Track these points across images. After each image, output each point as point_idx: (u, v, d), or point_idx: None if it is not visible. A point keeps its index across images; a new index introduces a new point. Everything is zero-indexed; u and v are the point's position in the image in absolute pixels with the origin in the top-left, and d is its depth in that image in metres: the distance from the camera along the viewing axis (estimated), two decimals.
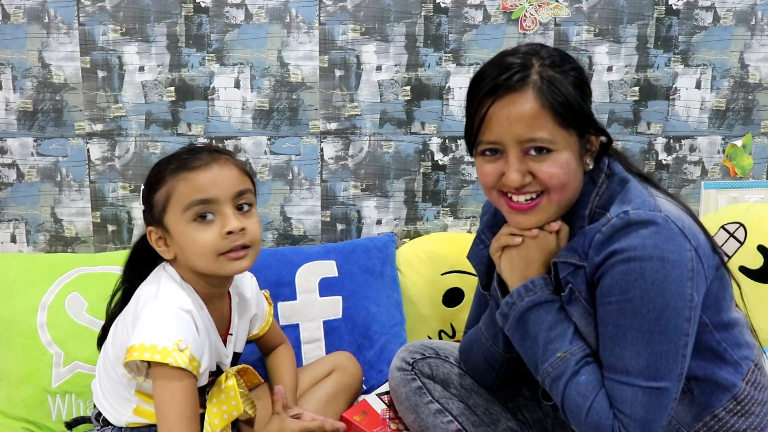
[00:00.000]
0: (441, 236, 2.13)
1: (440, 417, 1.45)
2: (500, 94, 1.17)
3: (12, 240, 2.04)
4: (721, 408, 1.21)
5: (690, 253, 1.12)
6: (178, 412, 1.22)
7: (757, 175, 2.28)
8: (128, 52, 1.98)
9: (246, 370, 1.47)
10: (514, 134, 1.16)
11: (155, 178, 1.32)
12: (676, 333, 1.12)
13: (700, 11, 2.17)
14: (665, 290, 1.10)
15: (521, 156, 1.18)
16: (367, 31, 2.05)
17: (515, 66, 1.17)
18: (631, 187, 1.20)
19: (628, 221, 1.12)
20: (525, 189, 1.19)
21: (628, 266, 1.11)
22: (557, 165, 1.17)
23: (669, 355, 1.12)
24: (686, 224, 1.14)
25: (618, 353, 1.14)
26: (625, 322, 1.13)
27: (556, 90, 1.16)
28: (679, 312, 1.11)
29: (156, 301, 1.28)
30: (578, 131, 1.19)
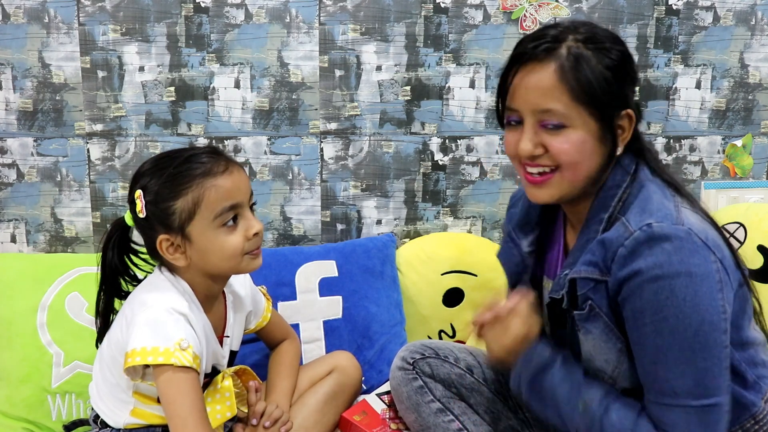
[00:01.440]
0: (441, 236, 2.13)
1: (441, 416, 1.45)
2: (524, 61, 1.17)
3: (12, 240, 2.04)
4: (738, 426, 1.19)
5: (716, 264, 1.10)
6: (189, 405, 1.22)
7: (757, 175, 2.28)
8: (128, 52, 1.98)
9: (244, 371, 1.47)
10: (530, 103, 1.16)
11: (171, 185, 1.28)
12: (716, 346, 1.10)
13: (700, 11, 2.17)
14: (698, 305, 1.08)
15: (537, 127, 1.17)
16: (367, 31, 2.05)
17: (548, 37, 1.17)
18: (652, 194, 1.17)
19: (652, 234, 1.10)
20: (537, 161, 1.18)
21: (656, 285, 1.09)
22: (569, 142, 1.15)
23: (714, 370, 1.10)
24: (710, 236, 1.12)
25: (662, 376, 1.11)
26: (664, 342, 1.10)
27: (580, 66, 1.14)
28: (716, 325, 1.09)
29: (152, 304, 1.28)
30: (600, 112, 1.16)
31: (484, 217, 2.19)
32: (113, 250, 1.39)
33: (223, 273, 1.35)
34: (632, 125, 1.21)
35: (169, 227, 1.29)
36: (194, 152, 1.33)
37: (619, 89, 1.18)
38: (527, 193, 1.24)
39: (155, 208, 1.29)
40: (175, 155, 1.33)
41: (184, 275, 1.34)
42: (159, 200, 1.29)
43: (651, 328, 1.10)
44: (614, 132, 1.19)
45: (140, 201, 1.30)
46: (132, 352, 1.23)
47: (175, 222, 1.28)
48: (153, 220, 1.30)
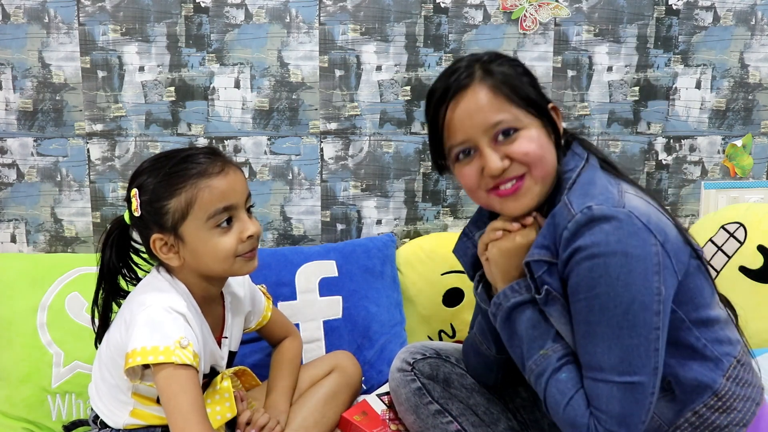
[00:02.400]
0: (441, 236, 2.13)
1: (440, 417, 1.45)
2: (451, 95, 1.22)
3: (12, 240, 2.04)
4: (701, 404, 1.20)
5: (655, 247, 1.12)
6: (191, 401, 1.22)
7: (757, 175, 2.28)
8: (128, 52, 1.98)
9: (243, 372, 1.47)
10: (478, 125, 1.21)
11: (166, 185, 1.28)
12: (645, 327, 1.12)
13: (700, 11, 2.17)
14: (630, 284, 1.11)
15: (493, 144, 1.21)
16: (367, 31, 2.05)
17: (459, 70, 1.24)
18: (596, 178, 1.21)
19: (591, 217, 1.13)
20: (506, 175, 1.22)
21: (592, 263, 1.12)
22: (528, 140, 1.20)
23: (641, 349, 1.12)
24: (652, 219, 1.15)
25: (591, 350, 1.15)
26: (594, 318, 1.13)
27: (501, 76, 1.22)
28: (647, 306, 1.12)
29: (150, 304, 1.28)
30: (535, 109, 1.23)
31: None
32: (111, 249, 1.39)
33: (216, 275, 1.34)
34: (559, 116, 1.28)
35: (163, 226, 1.29)
36: (192, 152, 1.33)
37: (536, 87, 1.26)
38: (505, 209, 1.26)
39: (150, 207, 1.29)
40: (173, 155, 1.33)
41: (181, 276, 1.34)
42: (153, 199, 1.29)
43: (584, 304, 1.14)
44: (553, 123, 1.26)
45: (135, 200, 1.30)
46: (132, 352, 1.23)
47: (168, 221, 1.28)
48: (147, 219, 1.30)
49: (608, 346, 1.13)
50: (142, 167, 1.33)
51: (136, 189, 1.30)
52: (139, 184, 1.31)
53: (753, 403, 1.22)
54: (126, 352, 1.25)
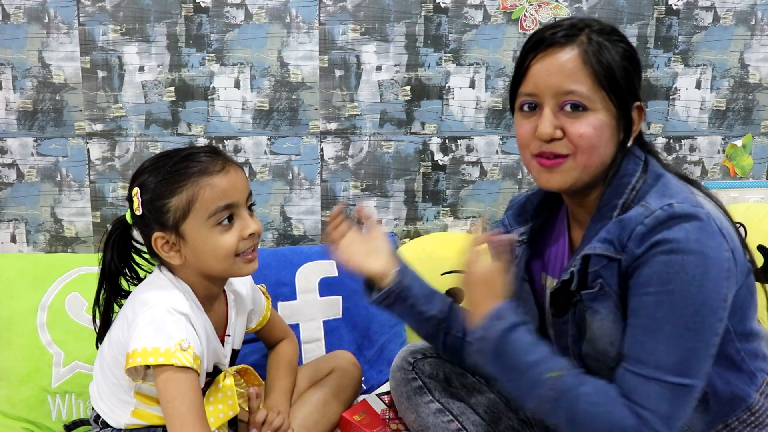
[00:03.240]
0: (441, 236, 2.13)
1: (440, 416, 1.45)
2: (544, 47, 1.18)
3: (12, 240, 2.04)
4: (734, 418, 1.19)
5: (728, 253, 1.10)
6: (188, 405, 1.22)
7: (757, 175, 2.28)
8: (128, 52, 1.98)
9: (246, 371, 1.47)
10: (551, 85, 1.16)
11: (167, 183, 1.28)
12: (709, 331, 1.09)
13: (700, 11, 2.17)
14: (704, 287, 1.08)
15: (556, 110, 1.17)
16: (367, 31, 2.05)
17: (565, 26, 1.18)
18: (670, 181, 1.17)
19: (673, 213, 1.09)
20: (552, 147, 1.18)
21: (670, 258, 1.08)
22: (590, 125, 1.15)
23: (701, 353, 1.09)
24: (725, 225, 1.13)
25: (650, 347, 1.10)
26: (662, 314, 1.09)
27: (601, 52, 1.16)
28: (715, 311, 1.09)
29: (153, 304, 1.28)
30: (618, 100, 1.17)
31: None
32: (113, 249, 1.39)
33: (216, 274, 1.34)
34: (642, 118, 1.22)
35: (164, 225, 1.29)
36: (193, 151, 1.33)
37: (633, 81, 1.20)
38: (539, 180, 1.23)
39: (151, 205, 1.29)
40: (174, 154, 1.33)
41: (182, 275, 1.34)
42: (155, 198, 1.29)
43: (653, 299, 1.10)
44: (629, 122, 1.20)
45: (137, 198, 1.31)
46: (133, 352, 1.23)
47: (169, 220, 1.28)
48: (149, 217, 1.30)
49: (671, 346, 1.09)
50: (144, 166, 1.34)
51: (138, 188, 1.31)
52: (141, 183, 1.31)
53: None
54: (127, 352, 1.25)
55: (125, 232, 1.40)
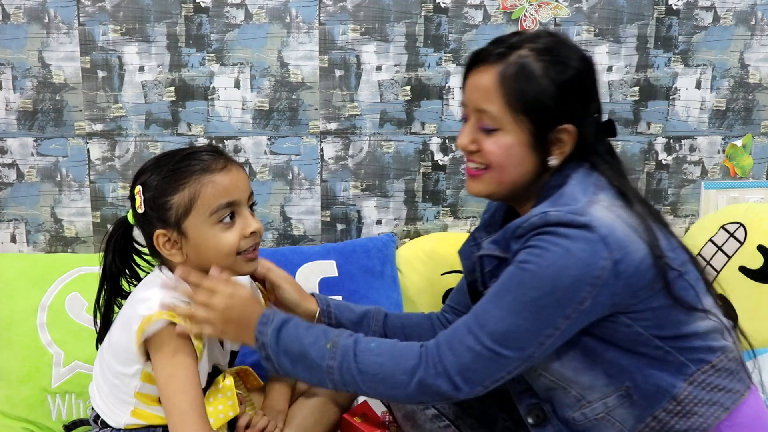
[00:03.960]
0: (441, 236, 2.13)
1: (437, 422, 1.45)
2: (476, 63, 1.25)
3: (12, 240, 2.04)
4: (661, 409, 1.19)
5: (604, 262, 1.11)
6: (189, 401, 1.23)
7: (757, 175, 2.28)
8: (128, 52, 1.98)
9: (246, 372, 1.47)
10: (472, 102, 1.24)
11: (169, 181, 1.29)
12: (546, 320, 1.13)
13: (700, 11, 2.17)
14: (557, 279, 1.11)
15: (476, 125, 1.24)
16: (367, 31, 2.05)
17: (506, 43, 1.23)
18: (567, 190, 1.19)
19: (546, 219, 1.14)
20: (473, 157, 1.26)
21: (538, 241, 1.13)
22: (497, 145, 1.22)
23: (528, 335, 1.13)
24: (615, 234, 1.12)
25: (489, 309, 1.15)
26: (509, 286, 1.15)
27: (522, 75, 1.19)
28: (561, 305, 1.12)
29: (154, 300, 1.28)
30: (532, 123, 1.20)
31: None
32: (114, 250, 1.39)
33: None
34: (573, 139, 1.23)
35: (166, 222, 1.29)
36: (195, 150, 1.34)
37: (560, 104, 1.21)
38: (467, 185, 1.31)
39: (153, 203, 1.30)
40: (176, 153, 1.34)
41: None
42: (157, 195, 1.29)
43: (511, 270, 1.15)
44: (547, 143, 1.22)
45: (139, 196, 1.31)
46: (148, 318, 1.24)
47: (171, 217, 1.29)
48: (151, 215, 1.31)
49: (503, 315, 1.14)
50: (146, 166, 1.34)
51: (140, 186, 1.31)
52: (143, 182, 1.31)
53: (720, 408, 1.20)
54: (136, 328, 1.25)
55: (126, 232, 1.40)
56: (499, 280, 1.17)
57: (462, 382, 1.14)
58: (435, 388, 1.15)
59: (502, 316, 1.14)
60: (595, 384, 1.20)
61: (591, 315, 1.15)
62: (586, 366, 1.20)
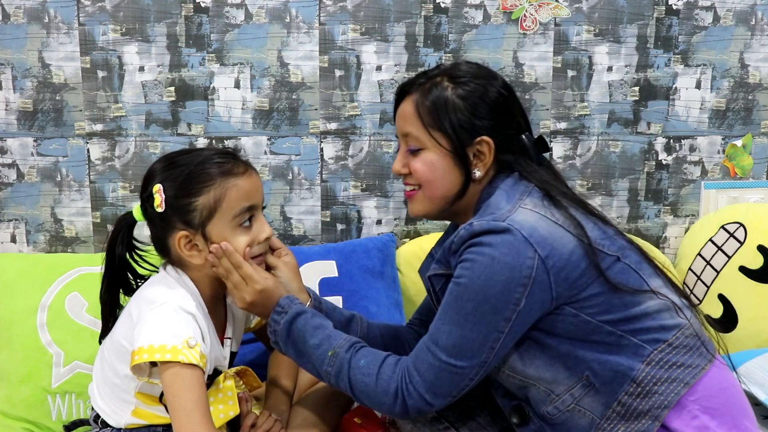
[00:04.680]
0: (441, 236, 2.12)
1: (436, 425, 1.45)
2: (405, 94, 1.37)
3: (12, 240, 2.04)
4: (623, 393, 1.22)
5: (531, 261, 1.18)
6: (194, 400, 1.23)
7: (757, 175, 2.28)
8: (128, 52, 1.98)
9: (245, 372, 1.47)
10: (399, 128, 1.37)
11: (194, 181, 1.29)
12: (488, 326, 1.20)
13: (700, 11, 2.17)
14: (488, 287, 1.18)
15: (406, 150, 1.36)
16: (367, 31, 2.05)
17: (425, 76, 1.35)
18: (492, 200, 1.28)
19: (471, 231, 1.21)
20: (407, 180, 1.37)
21: (467, 256, 1.21)
22: (423, 162, 1.32)
23: (476, 343, 1.20)
24: (539, 233, 1.19)
25: (438, 326, 1.24)
26: (450, 301, 1.22)
27: (434, 96, 1.31)
28: (498, 310, 1.19)
29: (161, 303, 1.28)
30: (449, 137, 1.30)
31: None
32: (122, 244, 1.39)
33: None
34: (491, 151, 1.31)
35: (189, 223, 1.29)
36: (214, 152, 1.34)
37: (472, 119, 1.30)
38: (408, 206, 1.40)
39: (176, 203, 1.29)
40: (195, 152, 1.35)
41: (194, 274, 1.34)
42: (180, 195, 1.29)
43: (450, 287, 1.24)
44: (467, 157, 1.31)
45: (160, 195, 1.29)
46: (139, 350, 1.23)
47: (195, 218, 1.29)
48: (172, 215, 1.30)
49: (449, 330, 1.21)
50: (162, 164, 1.34)
51: (160, 185, 1.30)
52: (162, 179, 1.30)
53: (680, 384, 1.22)
54: (133, 349, 1.25)
55: (130, 229, 1.40)
56: (444, 298, 1.25)
57: (431, 397, 1.23)
58: (412, 406, 1.24)
59: (450, 330, 1.22)
60: (557, 378, 1.25)
61: (532, 313, 1.21)
62: (545, 362, 1.26)
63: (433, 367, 1.22)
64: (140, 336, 1.24)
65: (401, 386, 1.25)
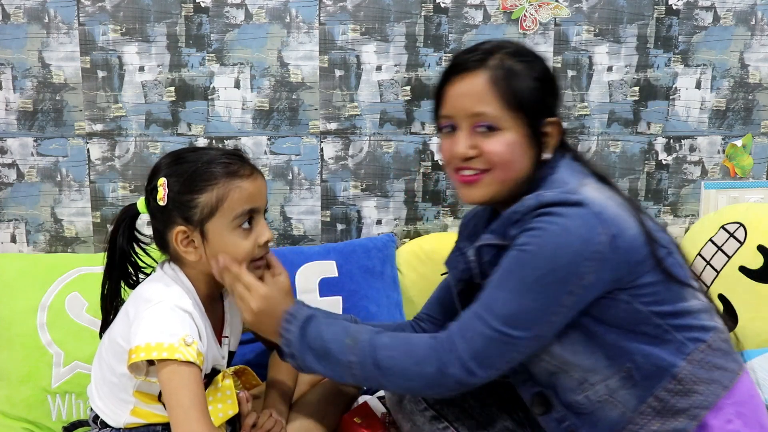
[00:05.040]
0: (441, 236, 2.13)
1: (436, 423, 1.45)
2: (457, 72, 1.28)
3: (12, 240, 2.04)
4: (661, 388, 1.21)
5: (601, 237, 1.15)
6: (191, 397, 1.23)
7: (757, 175, 2.28)
8: (128, 52, 1.98)
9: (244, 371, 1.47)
10: (464, 108, 1.26)
11: (199, 179, 1.29)
12: (551, 298, 1.16)
13: (700, 11, 2.17)
14: (558, 256, 1.14)
15: (470, 131, 1.26)
16: (367, 31, 2.05)
17: (479, 51, 1.28)
18: (555, 179, 1.25)
19: (541, 201, 1.18)
20: (470, 164, 1.27)
21: (536, 223, 1.17)
22: (502, 143, 1.24)
23: (535, 314, 1.16)
24: (608, 211, 1.17)
25: (495, 294, 1.19)
26: (512, 268, 1.18)
27: (509, 74, 1.24)
28: (563, 281, 1.15)
29: (157, 301, 1.28)
30: (528, 118, 1.25)
31: None
32: (123, 235, 1.39)
33: None
34: (559, 132, 1.30)
35: (189, 220, 1.30)
36: (222, 152, 1.35)
37: (544, 98, 1.28)
38: (461, 195, 1.32)
39: (178, 198, 1.30)
40: (203, 150, 1.35)
41: (190, 271, 1.34)
42: (183, 191, 1.30)
43: (512, 253, 1.18)
44: (540, 137, 1.27)
45: (163, 189, 1.30)
46: (136, 348, 1.23)
47: (195, 215, 1.29)
48: (173, 210, 1.30)
49: (510, 297, 1.17)
50: (170, 159, 1.34)
51: (165, 179, 1.31)
52: (168, 174, 1.31)
53: (719, 387, 1.22)
54: (130, 348, 1.25)
55: (132, 221, 1.40)
56: (501, 265, 1.20)
57: (476, 366, 1.18)
58: (451, 377, 1.19)
59: (509, 299, 1.17)
60: (596, 366, 1.23)
61: (594, 290, 1.17)
62: (587, 349, 1.22)
63: (484, 335, 1.17)
64: (137, 334, 1.25)
65: (439, 352, 1.19)
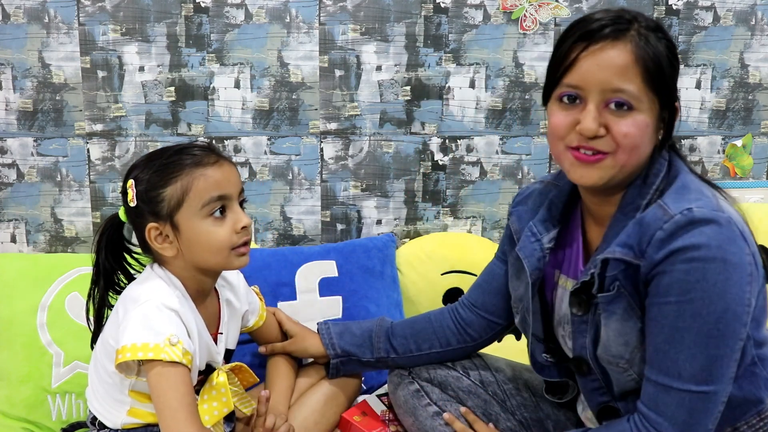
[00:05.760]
0: (441, 236, 2.13)
1: (438, 419, 1.45)
2: (595, 40, 1.12)
3: (12, 240, 2.04)
4: (743, 422, 1.18)
5: (749, 257, 1.08)
6: (179, 399, 1.23)
7: (757, 175, 2.28)
8: (128, 52, 1.98)
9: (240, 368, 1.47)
10: (600, 81, 1.11)
11: (161, 174, 1.30)
12: (733, 337, 1.08)
13: (700, 11, 2.17)
14: (726, 293, 1.06)
15: (601, 106, 1.12)
16: (367, 31, 2.05)
17: (611, 19, 1.13)
18: (690, 183, 1.14)
19: (692, 218, 1.07)
20: (593, 143, 1.13)
21: (690, 266, 1.06)
22: (634, 125, 1.11)
23: (724, 360, 1.09)
24: (746, 229, 1.11)
25: (672, 356, 1.09)
26: (684, 324, 1.08)
27: (654, 51, 1.12)
28: (738, 316, 1.07)
29: (143, 301, 1.28)
30: (663, 99, 1.14)
31: (484, 217, 2.19)
32: (106, 248, 1.40)
33: (210, 267, 1.34)
34: (678, 118, 1.20)
35: (158, 215, 1.30)
36: (187, 145, 1.35)
37: (674, 82, 1.17)
38: (572, 174, 1.17)
39: (146, 196, 1.30)
40: (168, 148, 1.35)
41: (175, 269, 1.34)
42: (149, 188, 1.30)
43: (674, 308, 1.08)
44: (666, 121, 1.17)
45: (132, 190, 1.31)
46: (122, 348, 1.24)
47: (163, 209, 1.29)
48: (143, 208, 1.31)
49: (692, 354, 1.08)
50: (138, 161, 1.35)
51: (132, 180, 1.32)
52: (135, 176, 1.32)
53: None
54: (117, 348, 1.25)
55: (118, 230, 1.40)
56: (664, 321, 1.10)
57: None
58: None
59: (693, 355, 1.08)
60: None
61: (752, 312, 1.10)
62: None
63: (683, 404, 1.09)
64: (124, 334, 1.25)
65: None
